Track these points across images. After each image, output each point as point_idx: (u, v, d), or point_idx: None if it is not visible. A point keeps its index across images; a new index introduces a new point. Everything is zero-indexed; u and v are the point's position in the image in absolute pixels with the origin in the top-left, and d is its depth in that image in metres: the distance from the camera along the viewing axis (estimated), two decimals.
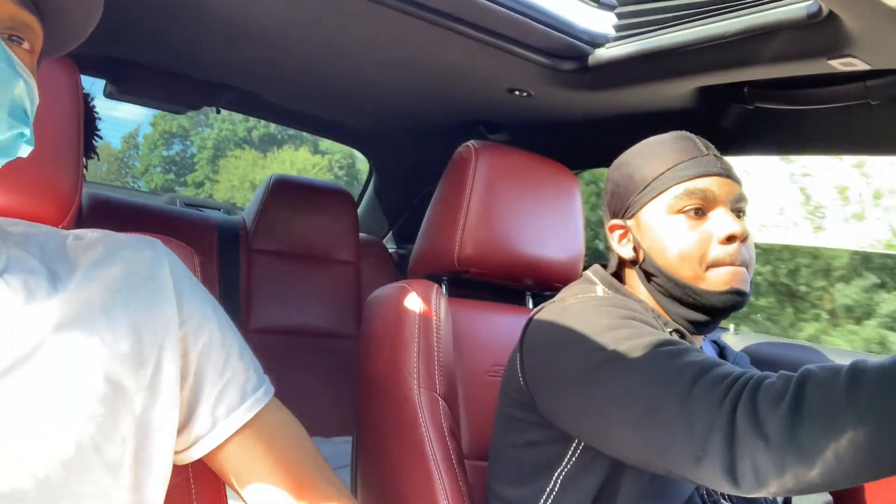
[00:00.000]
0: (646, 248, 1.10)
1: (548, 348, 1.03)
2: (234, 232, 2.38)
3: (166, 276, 0.80)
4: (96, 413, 0.68)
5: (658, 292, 1.10)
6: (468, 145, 1.42)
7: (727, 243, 1.04)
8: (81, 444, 0.67)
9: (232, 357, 0.82)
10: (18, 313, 0.68)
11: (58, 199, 0.90)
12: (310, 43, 1.65)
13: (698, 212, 1.06)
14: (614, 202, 1.16)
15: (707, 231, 1.05)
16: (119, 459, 0.71)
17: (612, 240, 1.16)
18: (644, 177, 1.11)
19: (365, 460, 1.35)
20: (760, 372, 0.82)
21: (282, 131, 13.20)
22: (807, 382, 0.75)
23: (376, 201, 2.95)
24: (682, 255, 1.06)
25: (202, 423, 0.79)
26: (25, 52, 0.70)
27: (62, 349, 0.68)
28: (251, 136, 14.85)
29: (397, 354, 1.26)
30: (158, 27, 1.66)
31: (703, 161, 1.09)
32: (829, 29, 1.12)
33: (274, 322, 2.33)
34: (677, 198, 1.07)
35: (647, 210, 1.10)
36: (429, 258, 1.45)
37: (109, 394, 0.70)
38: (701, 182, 1.07)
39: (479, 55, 1.54)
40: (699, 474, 0.81)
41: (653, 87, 1.55)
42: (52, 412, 0.66)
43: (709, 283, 1.05)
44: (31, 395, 0.65)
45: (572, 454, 1.02)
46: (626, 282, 1.17)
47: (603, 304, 1.03)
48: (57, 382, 0.67)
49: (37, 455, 0.64)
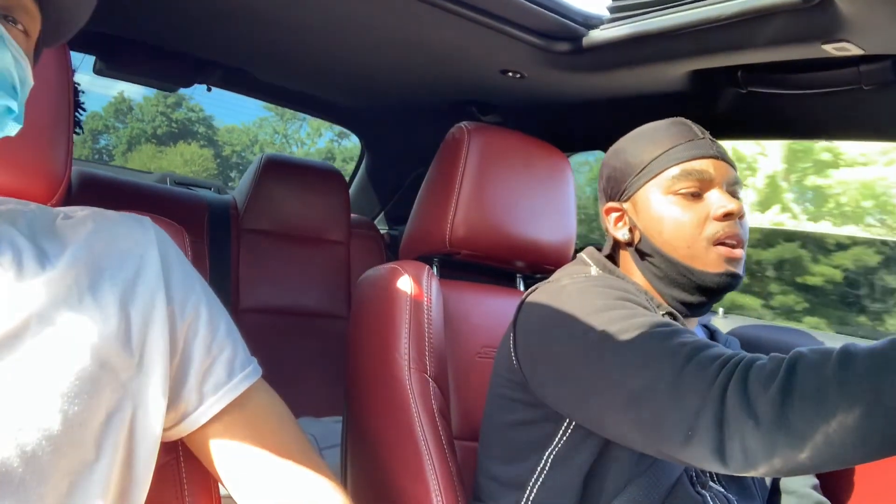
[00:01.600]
0: (642, 229, 1.11)
1: (541, 328, 1.04)
2: (225, 211, 2.37)
3: (154, 254, 0.80)
4: (84, 390, 0.68)
5: (652, 274, 1.11)
6: (461, 126, 1.42)
7: (723, 220, 1.05)
8: (69, 420, 0.67)
9: (219, 334, 0.83)
10: (7, 290, 0.68)
11: (47, 176, 0.89)
12: (302, 21, 1.64)
13: (695, 195, 1.07)
14: (610, 186, 1.17)
15: (703, 209, 1.07)
16: (107, 436, 0.71)
17: (607, 222, 1.17)
18: (641, 160, 1.12)
19: (355, 440, 1.35)
20: (751, 354, 0.83)
21: (182, 129, 15.81)
22: (798, 364, 0.76)
23: (368, 182, 2.94)
24: (678, 234, 1.07)
25: (190, 399, 0.80)
26: (20, 33, 0.70)
27: (50, 327, 0.69)
28: (157, 133, 16.91)
29: (388, 335, 1.26)
30: (149, 2, 1.65)
31: (699, 144, 1.10)
32: (823, 13, 1.12)
33: (265, 302, 2.33)
34: (674, 178, 1.08)
35: (644, 192, 1.11)
36: (420, 239, 1.44)
37: (97, 371, 0.70)
38: (697, 164, 1.08)
39: (471, 35, 1.53)
40: (688, 454, 0.82)
41: (646, 70, 1.55)
42: (39, 388, 0.66)
43: (704, 263, 1.06)
44: (19, 371, 0.66)
45: (563, 434, 1.03)
46: (620, 264, 1.18)
47: (597, 284, 1.03)
48: (45, 360, 0.67)
49: (24, 431, 0.64)
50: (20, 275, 0.70)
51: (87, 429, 0.69)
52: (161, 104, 16.77)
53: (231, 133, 19.64)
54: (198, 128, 17.69)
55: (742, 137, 1.77)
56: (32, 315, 0.68)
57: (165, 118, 16.26)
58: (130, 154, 19.23)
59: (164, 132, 16.20)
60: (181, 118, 16.22)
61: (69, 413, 0.67)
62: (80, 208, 0.83)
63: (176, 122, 16.73)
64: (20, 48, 0.69)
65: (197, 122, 18.22)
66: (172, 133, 16.56)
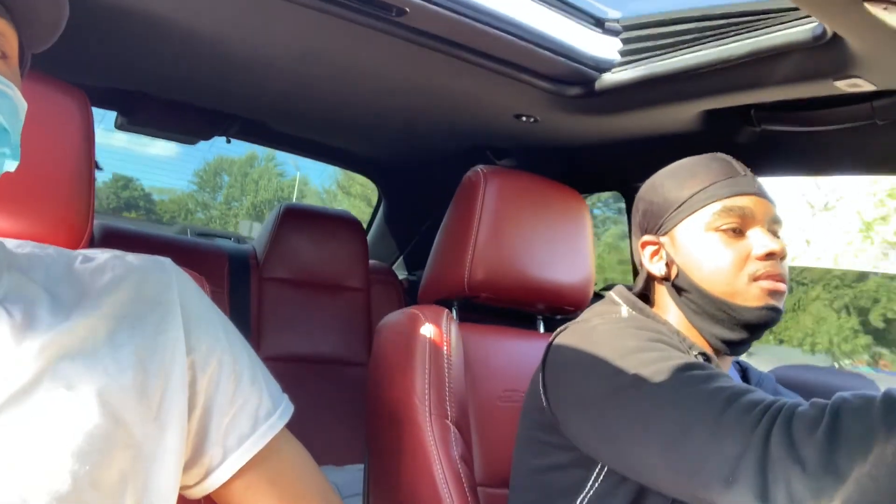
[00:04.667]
0: (680, 264, 1.09)
1: (572, 369, 1.02)
2: (245, 260, 2.39)
3: (174, 301, 0.78)
4: (95, 448, 0.66)
5: (690, 310, 1.09)
6: (476, 170, 1.43)
7: (765, 259, 1.04)
8: (78, 480, 0.64)
9: (243, 382, 0.80)
10: (18, 344, 0.66)
11: (69, 228, 0.90)
12: (318, 73, 1.67)
13: (736, 231, 1.06)
14: (647, 220, 1.15)
15: (745, 248, 1.05)
16: (121, 494, 0.68)
17: (642, 256, 1.15)
18: (680, 195, 1.10)
19: (377, 488, 1.34)
20: (792, 399, 0.82)
21: (127, 202, 19.23)
22: (842, 409, 0.75)
23: (385, 228, 2.96)
24: (718, 270, 1.05)
25: (214, 453, 0.78)
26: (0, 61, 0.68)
27: (62, 381, 0.66)
28: (109, 206, 19.76)
29: (408, 381, 1.25)
30: (168, 59, 1.68)
31: (741, 181, 1.09)
32: (833, 50, 1.12)
33: (285, 350, 2.33)
34: (715, 215, 1.07)
35: (683, 227, 1.10)
36: (439, 284, 1.45)
37: (110, 427, 0.67)
38: (739, 200, 1.07)
39: (485, 82, 1.55)
40: (729, 498, 0.80)
41: (659, 111, 1.56)
42: (48, 447, 0.63)
43: (744, 299, 1.04)
44: (27, 429, 0.63)
45: (595, 479, 1.01)
46: (654, 301, 1.16)
47: (629, 325, 1.02)
48: (55, 416, 0.64)
49: (32, 490, 0.61)
50: (32, 327, 0.68)
51: (98, 488, 0.66)
52: (114, 187, 18.77)
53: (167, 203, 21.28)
54: (140, 202, 19.56)
55: (758, 175, 1.76)
56: (44, 370, 0.66)
57: (116, 196, 18.15)
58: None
59: (115, 206, 18.46)
60: (126, 195, 18.51)
61: (80, 473, 0.64)
62: (101, 251, 0.81)
63: (122, 198, 18.58)
64: (3, 77, 0.67)
65: (139, 197, 20.07)
66: (119, 207, 18.91)
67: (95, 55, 1.68)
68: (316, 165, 14.84)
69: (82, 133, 0.94)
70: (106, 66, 1.79)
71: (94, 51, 1.63)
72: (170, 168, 22.52)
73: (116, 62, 1.74)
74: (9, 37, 0.70)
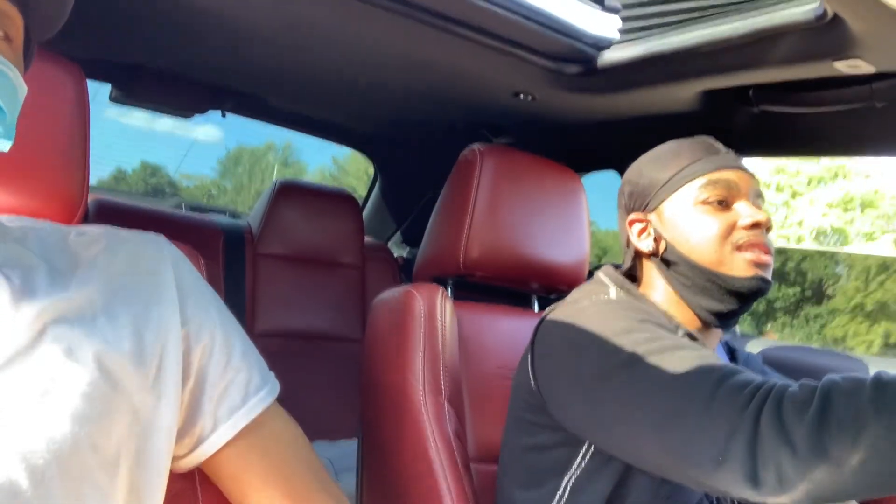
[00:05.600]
0: (668, 239, 1.10)
1: (561, 350, 1.03)
2: (240, 236, 2.39)
3: (168, 274, 0.79)
4: (94, 411, 0.67)
5: (680, 283, 1.10)
6: (473, 148, 1.42)
7: (751, 229, 1.05)
8: (78, 442, 0.65)
9: (234, 356, 0.81)
10: (18, 307, 0.67)
11: (64, 202, 0.90)
12: (314, 47, 1.65)
13: (722, 203, 1.07)
14: (633, 200, 1.17)
15: (731, 218, 1.07)
16: (117, 460, 0.69)
17: (630, 234, 1.16)
18: (666, 173, 1.12)
19: (370, 464, 1.35)
20: (782, 380, 0.82)
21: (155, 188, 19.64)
22: (832, 391, 0.75)
23: (381, 205, 2.95)
24: (706, 240, 1.06)
25: (204, 424, 0.79)
26: (2, 42, 0.68)
27: (62, 345, 0.67)
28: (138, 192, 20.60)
29: (402, 358, 1.26)
30: (163, 32, 1.67)
31: (723, 156, 1.11)
32: (834, 31, 1.12)
33: (279, 326, 2.33)
34: (701, 188, 1.08)
35: (670, 202, 1.11)
36: (434, 261, 1.45)
37: (108, 392, 0.68)
38: (723, 174, 1.09)
39: (483, 59, 1.54)
40: (718, 479, 0.81)
41: (657, 91, 1.55)
42: (49, 409, 0.64)
43: (733, 268, 1.05)
44: (29, 390, 0.64)
45: (582, 458, 1.02)
46: (641, 278, 1.17)
47: (618, 307, 1.03)
48: (55, 379, 0.65)
49: (33, 452, 0.62)
50: (32, 292, 0.68)
51: (98, 451, 0.67)
52: (142, 174, 19.44)
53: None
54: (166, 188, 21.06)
55: (755, 155, 1.76)
56: (43, 332, 0.67)
57: (144, 182, 18.92)
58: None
59: (143, 191, 19.42)
60: (154, 182, 19.54)
61: (80, 435, 0.65)
62: (94, 226, 0.82)
63: (150, 184, 19.44)
64: (2, 57, 0.67)
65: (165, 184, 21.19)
66: (147, 192, 19.97)
67: (91, 28, 1.66)
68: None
69: (77, 106, 0.93)
70: (101, 39, 1.78)
71: (90, 23, 1.62)
72: (212, 153, 23.57)
73: (112, 35, 1.73)
74: (14, 20, 0.70)
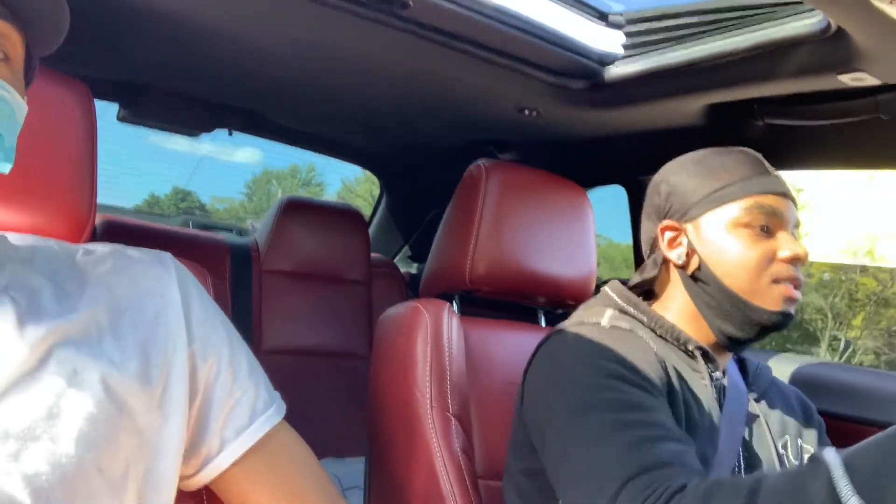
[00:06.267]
0: (702, 255, 1.07)
1: (537, 386, 1.04)
2: (246, 253, 2.39)
3: (175, 293, 0.79)
4: (100, 434, 0.66)
5: (704, 302, 1.07)
6: (478, 164, 1.43)
7: (790, 263, 1.03)
8: (84, 464, 0.65)
9: (241, 375, 0.81)
10: (24, 329, 0.67)
11: (71, 221, 0.90)
12: (320, 65, 1.66)
13: (764, 229, 1.04)
14: (669, 204, 1.12)
15: (771, 248, 1.04)
16: (125, 481, 0.69)
17: (661, 241, 1.12)
18: (711, 185, 1.08)
19: (378, 481, 1.34)
20: (694, 480, 0.80)
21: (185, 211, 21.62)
22: (713, 498, 0.74)
23: (387, 221, 2.96)
24: (742, 267, 1.03)
25: (211, 444, 0.78)
26: (1, 63, 0.68)
27: (67, 368, 0.67)
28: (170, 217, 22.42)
29: (409, 374, 1.26)
30: (170, 51, 1.68)
31: (773, 180, 1.07)
32: (838, 44, 1.12)
33: (286, 343, 2.33)
34: (746, 210, 1.04)
35: (710, 217, 1.07)
36: (440, 277, 1.45)
37: (115, 414, 0.68)
38: (770, 199, 1.05)
39: (488, 76, 1.55)
40: None
41: (662, 105, 1.55)
42: (54, 432, 0.64)
43: (765, 300, 1.03)
44: (34, 413, 0.64)
45: None
46: (661, 289, 1.14)
47: (596, 347, 1.00)
48: (60, 402, 0.65)
49: (38, 475, 0.62)
50: (38, 315, 0.68)
51: (103, 473, 0.67)
52: (174, 199, 20.39)
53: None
54: (196, 211, 20.97)
55: None
56: (50, 354, 0.66)
57: (175, 207, 19.33)
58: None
59: (174, 215, 20.33)
60: (184, 206, 20.52)
61: (86, 457, 0.65)
62: (101, 245, 0.82)
63: (180, 208, 19.85)
64: (2, 80, 0.67)
65: (195, 207, 21.68)
66: (178, 216, 21.25)
67: (98, 47, 1.67)
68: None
69: (85, 125, 0.93)
70: (108, 59, 1.79)
71: (97, 43, 1.63)
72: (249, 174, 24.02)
73: (119, 54, 1.74)
74: (12, 39, 0.70)
